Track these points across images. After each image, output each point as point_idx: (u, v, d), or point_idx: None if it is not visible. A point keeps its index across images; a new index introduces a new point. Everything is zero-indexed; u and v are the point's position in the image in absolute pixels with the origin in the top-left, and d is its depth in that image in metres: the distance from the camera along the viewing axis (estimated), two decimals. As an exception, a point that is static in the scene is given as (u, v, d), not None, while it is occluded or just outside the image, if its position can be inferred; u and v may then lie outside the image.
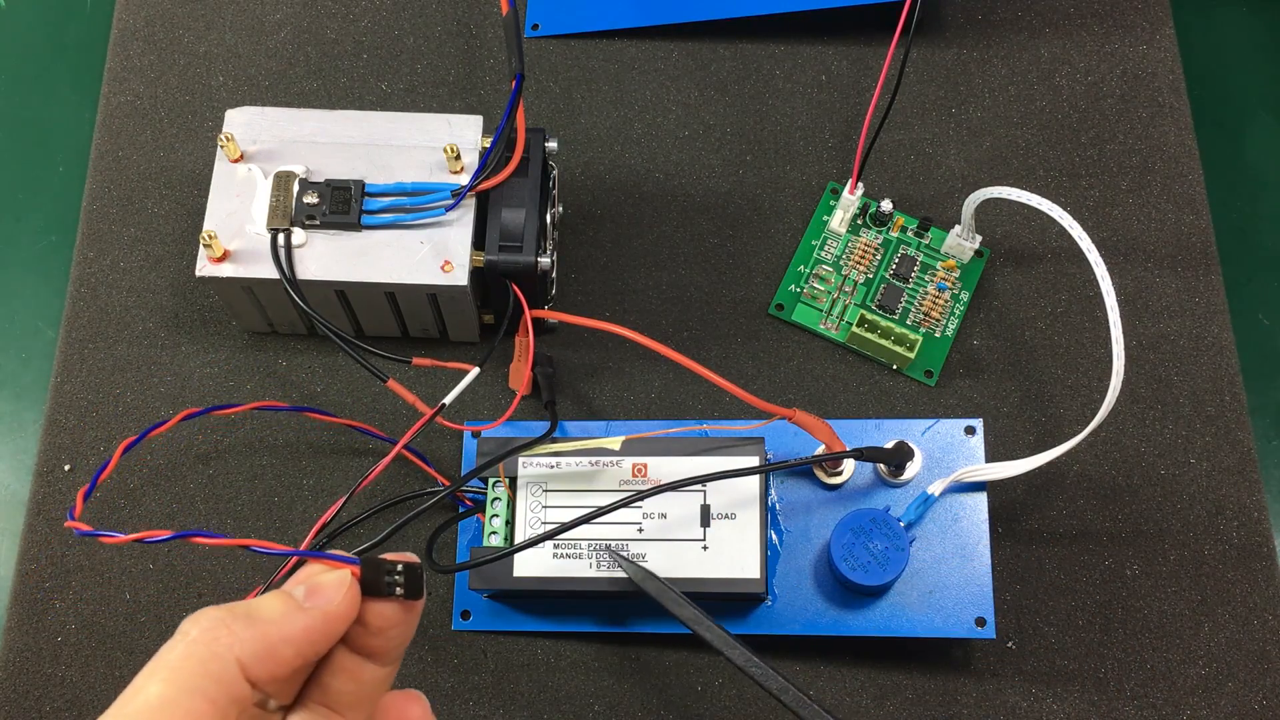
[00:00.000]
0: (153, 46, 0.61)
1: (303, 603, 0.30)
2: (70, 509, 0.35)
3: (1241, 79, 0.66)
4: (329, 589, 0.30)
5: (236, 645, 0.28)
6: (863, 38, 0.60)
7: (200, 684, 0.27)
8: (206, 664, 0.28)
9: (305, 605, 0.29)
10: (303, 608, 0.29)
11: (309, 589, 0.30)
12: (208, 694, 0.27)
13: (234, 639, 0.28)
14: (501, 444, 0.48)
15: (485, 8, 0.61)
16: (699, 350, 0.54)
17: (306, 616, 0.29)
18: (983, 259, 0.55)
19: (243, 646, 0.28)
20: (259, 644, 0.28)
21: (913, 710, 0.48)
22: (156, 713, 0.27)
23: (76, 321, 0.55)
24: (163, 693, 0.27)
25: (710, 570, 0.46)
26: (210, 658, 0.28)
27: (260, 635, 0.29)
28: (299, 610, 0.29)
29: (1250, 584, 0.50)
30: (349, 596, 0.30)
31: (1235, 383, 0.53)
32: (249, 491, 0.52)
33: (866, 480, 0.48)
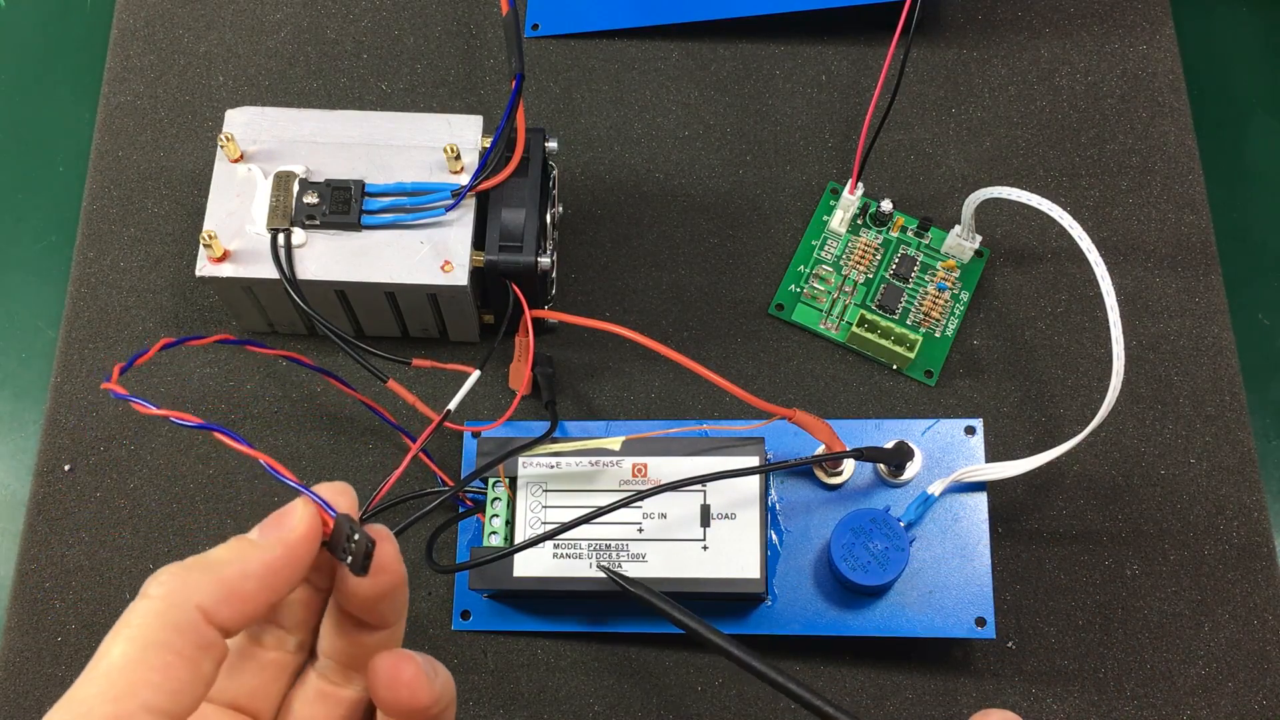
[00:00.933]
0: (153, 46, 0.61)
1: (257, 539, 0.29)
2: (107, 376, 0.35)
3: (1241, 79, 0.66)
4: (285, 519, 0.30)
5: (194, 593, 0.28)
6: (863, 38, 0.60)
7: (162, 636, 0.27)
8: (165, 616, 0.28)
9: (259, 540, 0.29)
10: (257, 544, 0.29)
11: (265, 526, 0.30)
12: (172, 646, 0.27)
13: (190, 588, 0.28)
14: (501, 444, 0.48)
15: (485, 8, 0.61)
16: (699, 350, 0.54)
17: (263, 550, 0.29)
18: (983, 259, 0.55)
19: (200, 592, 0.28)
20: (217, 586, 0.28)
21: (913, 710, 0.48)
22: (122, 673, 0.27)
23: (76, 321, 0.55)
24: (126, 652, 0.27)
25: (710, 570, 0.46)
26: (168, 609, 0.28)
27: (217, 578, 0.28)
28: (253, 546, 0.29)
29: (1250, 584, 0.50)
30: (306, 526, 0.30)
31: (1235, 383, 0.53)
32: (249, 491, 0.52)
33: (866, 480, 0.48)
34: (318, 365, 0.49)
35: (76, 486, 0.52)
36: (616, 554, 0.46)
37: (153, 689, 0.27)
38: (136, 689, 0.27)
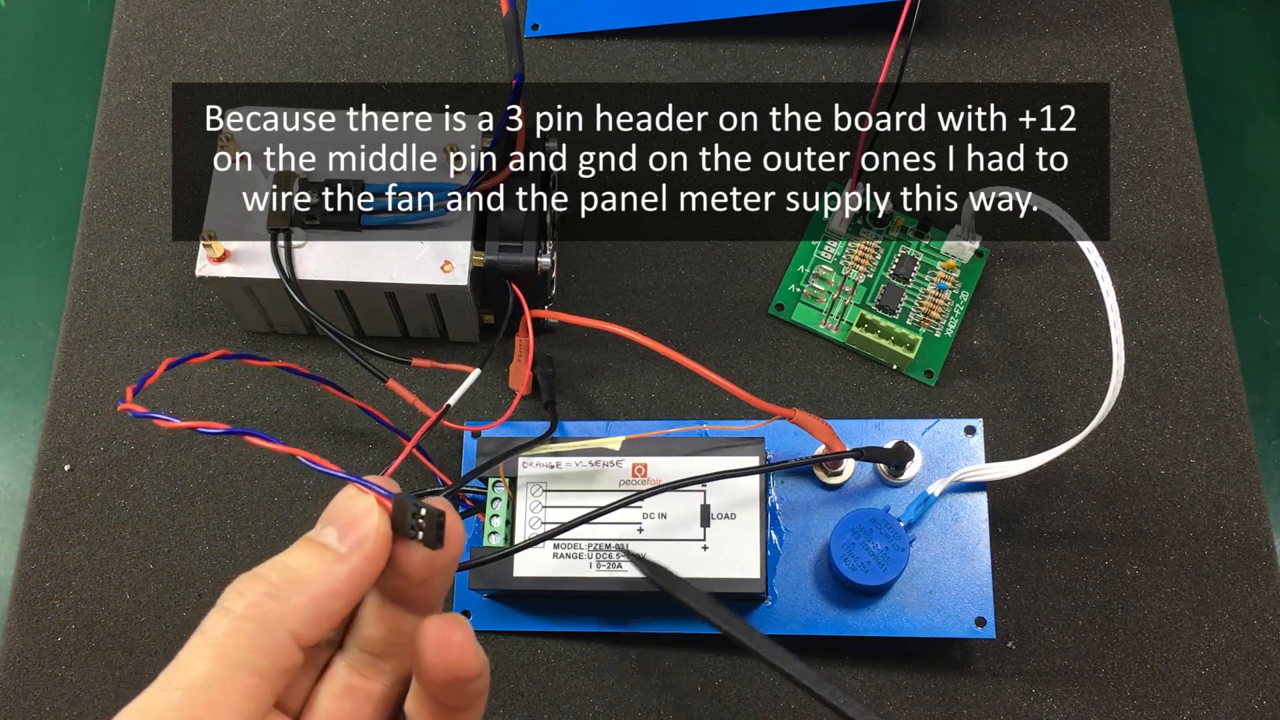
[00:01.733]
0: (153, 46, 0.61)
1: (339, 548, 0.28)
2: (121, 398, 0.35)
3: (1241, 79, 0.66)
4: (363, 527, 0.28)
5: (287, 617, 0.27)
6: (863, 38, 0.60)
7: (250, 659, 0.27)
8: (256, 639, 0.27)
9: (343, 551, 0.28)
10: (342, 555, 0.28)
11: (342, 530, 0.28)
12: (258, 668, 0.27)
13: (283, 610, 0.27)
14: (501, 444, 0.48)
15: (485, 8, 0.61)
16: (699, 350, 0.54)
17: (348, 564, 0.28)
18: (983, 259, 0.55)
19: (293, 617, 0.27)
20: (309, 610, 0.27)
21: (913, 710, 0.48)
22: (204, 691, 0.26)
23: (76, 321, 0.55)
24: (212, 671, 0.26)
25: (710, 570, 0.46)
26: (259, 632, 0.27)
27: (310, 601, 0.28)
28: (339, 560, 0.28)
29: (1250, 584, 0.50)
30: (382, 531, 0.28)
31: (1235, 383, 0.53)
32: (249, 491, 0.52)
33: (866, 480, 0.48)
34: (312, 373, 0.49)
35: (76, 486, 0.52)
36: (616, 554, 0.46)
37: (233, 711, 0.26)
38: (219, 709, 0.26)
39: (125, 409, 0.32)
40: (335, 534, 0.28)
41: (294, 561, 0.28)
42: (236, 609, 0.27)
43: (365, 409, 0.51)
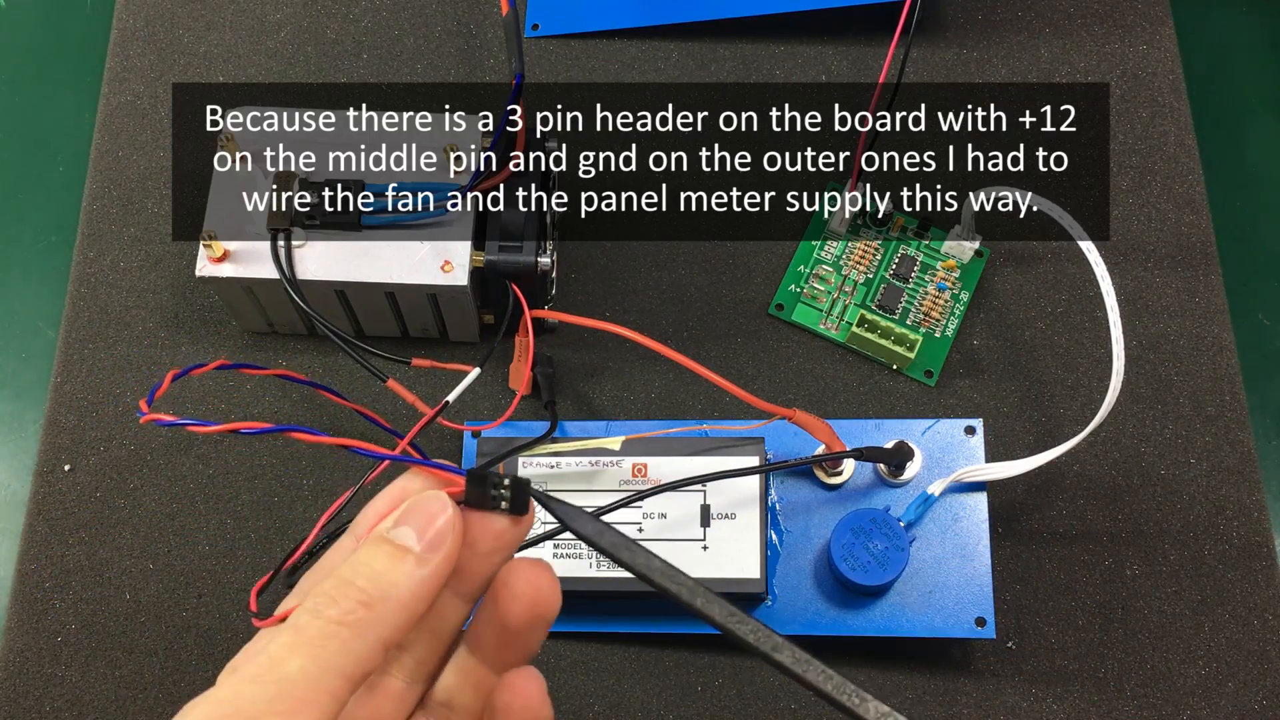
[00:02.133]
0: (153, 46, 0.61)
1: (419, 551, 0.29)
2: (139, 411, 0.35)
3: (1241, 79, 0.66)
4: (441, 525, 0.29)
5: (379, 626, 0.28)
6: (863, 38, 0.60)
7: (341, 663, 0.27)
8: (349, 644, 0.28)
9: (424, 554, 0.29)
10: (423, 558, 0.29)
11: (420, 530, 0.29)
12: (345, 672, 0.27)
13: (375, 618, 0.28)
14: (501, 444, 0.48)
15: (485, 8, 0.61)
16: (699, 350, 0.54)
17: (430, 566, 0.29)
18: (983, 259, 0.55)
19: (385, 624, 0.28)
20: (400, 616, 0.28)
21: (913, 710, 0.48)
22: (297, 687, 0.27)
23: (76, 321, 0.55)
24: (305, 668, 0.27)
25: (710, 570, 0.46)
26: (353, 638, 0.28)
27: (399, 608, 0.28)
28: (421, 563, 0.29)
29: (1250, 584, 0.50)
30: (460, 526, 0.29)
31: (1235, 383, 0.53)
32: (249, 491, 0.52)
33: (866, 480, 0.48)
34: (309, 380, 0.49)
35: (76, 486, 0.52)
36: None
37: (320, 710, 0.27)
38: (307, 707, 0.27)
39: (150, 419, 0.32)
40: (413, 535, 0.29)
41: (380, 568, 0.29)
42: (331, 614, 0.28)
43: (361, 412, 0.51)
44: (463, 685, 0.32)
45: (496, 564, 0.31)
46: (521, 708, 0.30)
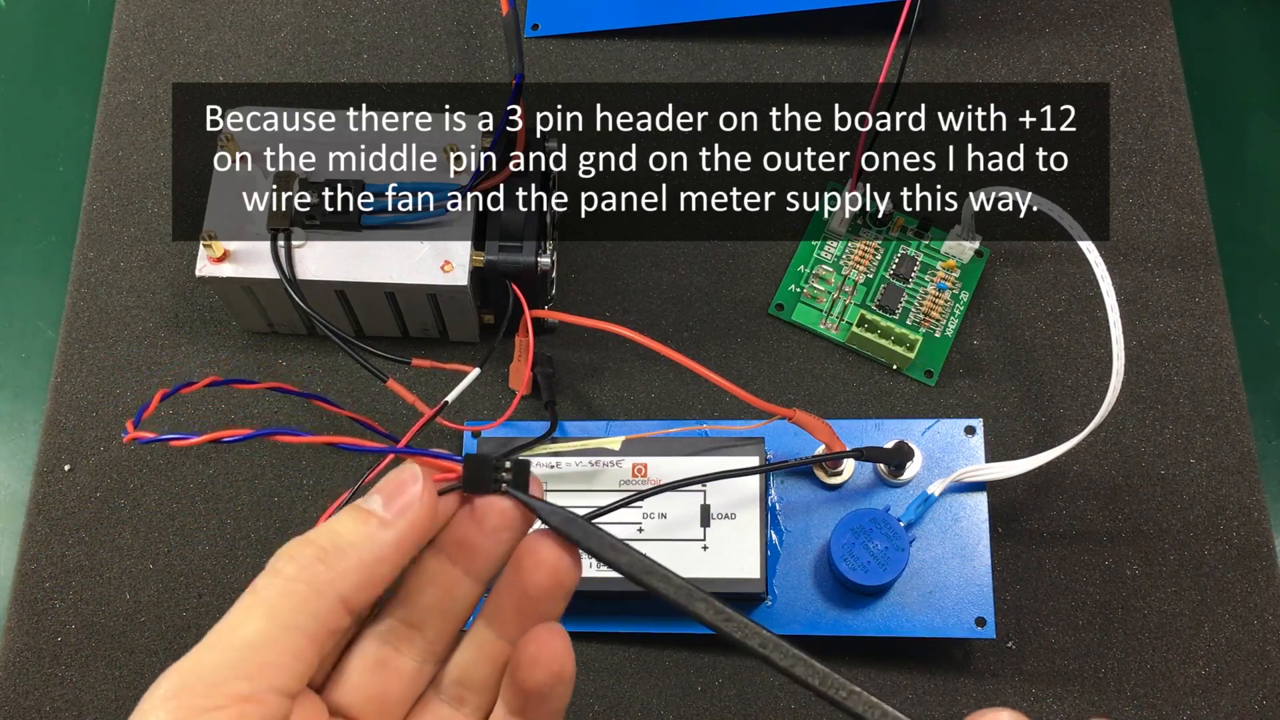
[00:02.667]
0: (153, 46, 0.61)
1: (385, 515, 0.29)
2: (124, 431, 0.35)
3: (1241, 79, 0.66)
4: (408, 494, 0.29)
5: (337, 581, 0.28)
6: (863, 38, 0.60)
7: (301, 620, 0.27)
8: (308, 601, 0.28)
9: (389, 518, 0.29)
10: (388, 521, 0.29)
11: (387, 498, 0.29)
12: (307, 630, 0.27)
13: (333, 574, 0.28)
14: (501, 444, 0.48)
15: (485, 8, 0.61)
16: (699, 350, 0.54)
17: (395, 530, 0.29)
18: (983, 259, 0.55)
19: (344, 581, 0.28)
20: (359, 574, 0.28)
21: (913, 710, 0.48)
22: (257, 650, 0.27)
23: (76, 321, 0.55)
24: (263, 630, 0.27)
25: (710, 570, 0.46)
26: (311, 595, 0.28)
27: (358, 564, 0.28)
28: (385, 526, 0.29)
29: (1250, 584, 0.50)
30: (428, 496, 0.29)
31: (1235, 383, 0.53)
32: (249, 491, 0.52)
33: (866, 480, 0.48)
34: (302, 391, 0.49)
35: (76, 486, 0.52)
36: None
37: (285, 671, 0.27)
38: (269, 669, 0.27)
39: (133, 439, 0.32)
40: (381, 501, 0.29)
41: (342, 528, 0.29)
42: (288, 571, 0.28)
43: (356, 419, 0.51)
44: (478, 659, 0.32)
45: (507, 542, 0.31)
46: (549, 658, 0.30)
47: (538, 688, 0.30)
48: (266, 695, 0.27)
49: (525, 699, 0.31)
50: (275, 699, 0.27)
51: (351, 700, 0.30)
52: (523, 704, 0.31)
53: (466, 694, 0.32)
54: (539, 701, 0.31)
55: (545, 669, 0.30)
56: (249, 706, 0.26)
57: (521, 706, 0.31)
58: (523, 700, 0.31)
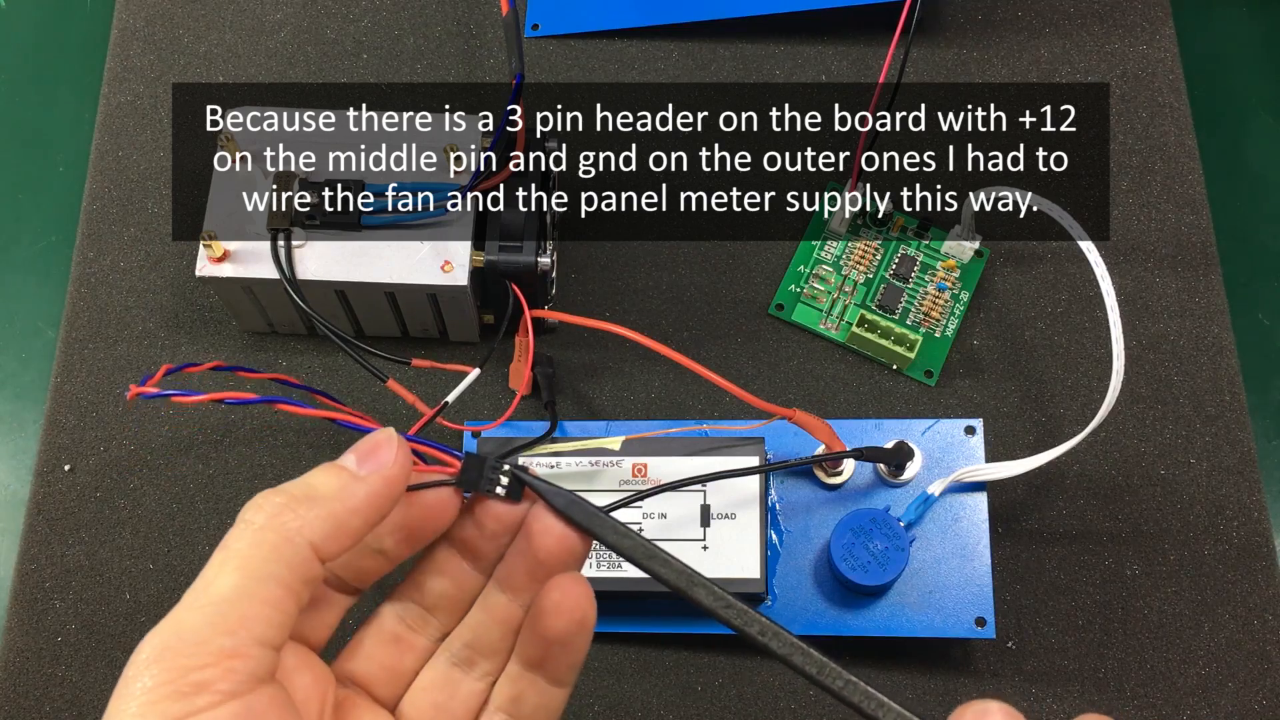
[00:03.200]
0: (153, 46, 0.61)
1: (357, 470, 0.29)
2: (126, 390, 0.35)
3: (1241, 79, 0.66)
4: (381, 451, 0.30)
5: (306, 528, 0.28)
6: (863, 38, 0.60)
7: (273, 570, 0.27)
8: (279, 549, 0.28)
9: (361, 473, 0.29)
10: (359, 476, 0.29)
11: (361, 456, 0.30)
12: (281, 579, 0.27)
13: (302, 522, 0.28)
14: (501, 444, 0.48)
15: (485, 8, 0.61)
16: (699, 350, 0.54)
17: (367, 484, 0.29)
18: (983, 259, 0.55)
19: (312, 528, 0.28)
20: (327, 523, 0.28)
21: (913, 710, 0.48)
22: (233, 604, 0.27)
23: (76, 321, 0.55)
24: (236, 582, 0.27)
25: (710, 570, 0.46)
26: (281, 543, 0.28)
27: (327, 514, 0.29)
28: (357, 480, 0.29)
29: (1250, 584, 0.50)
30: (401, 455, 0.30)
31: (1235, 383, 0.53)
32: (249, 491, 0.51)
33: (866, 480, 0.48)
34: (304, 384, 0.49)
35: (76, 486, 0.52)
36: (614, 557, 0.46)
37: (264, 622, 0.27)
38: (249, 622, 0.27)
39: (136, 393, 0.32)
40: (355, 459, 0.30)
41: (314, 479, 0.29)
42: (257, 521, 0.28)
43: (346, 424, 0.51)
44: (488, 622, 0.33)
45: (505, 543, 0.32)
46: (572, 605, 0.31)
47: (560, 634, 0.31)
48: (250, 648, 0.27)
49: (546, 649, 0.31)
50: (259, 650, 0.27)
51: (366, 668, 0.31)
52: (542, 655, 0.32)
53: (476, 657, 0.33)
54: (559, 652, 0.31)
55: (569, 615, 0.31)
56: (234, 661, 0.26)
57: (541, 658, 0.32)
58: (542, 651, 0.32)
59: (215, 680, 0.26)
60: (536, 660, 0.32)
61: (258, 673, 0.27)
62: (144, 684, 0.26)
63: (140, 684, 0.26)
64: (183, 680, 0.26)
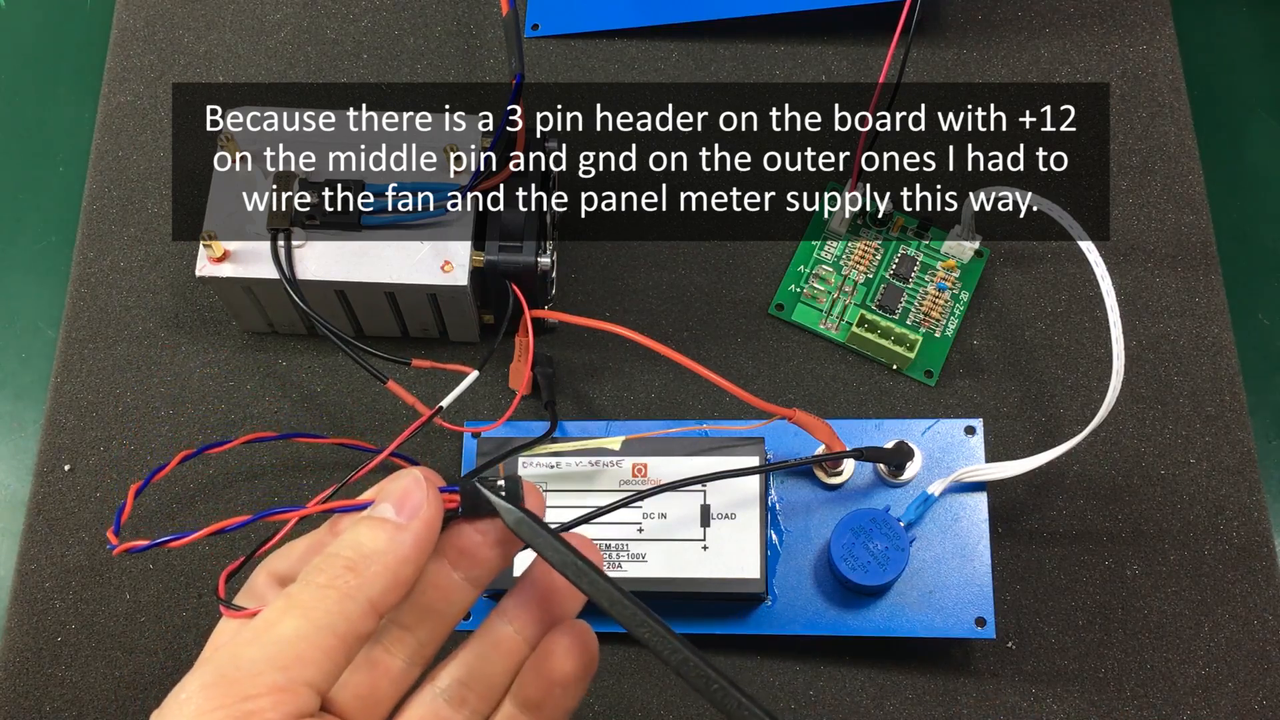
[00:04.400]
0: (153, 46, 0.61)
1: (399, 520, 0.30)
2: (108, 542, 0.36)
3: (1241, 79, 0.66)
4: (416, 497, 0.30)
5: (365, 585, 0.29)
6: (863, 38, 0.60)
7: (333, 621, 0.29)
8: (340, 604, 0.29)
9: (403, 522, 0.30)
10: (402, 525, 0.30)
11: (398, 504, 0.30)
12: (338, 631, 0.29)
13: (362, 580, 0.29)
14: (501, 444, 0.48)
15: (485, 8, 0.61)
16: (699, 350, 0.54)
17: (411, 532, 0.30)
18: (983, 259, 0.55)
19: (371, 585, 0.29)
20: (384, 578, 0.30)
21: (913, 710, 0.48)
22: (291, 644, 0.28)
23: (76, 321, 0.55)
24: (299, 628, 0.29)
25: (710, 570, 0.46)
26: (343, 599, 0.29)
27: (382, 569, 0.30)
28: (402, 530, 0.30)
29: (1250, 584, 0.50)
30: (433, 494, 0.31)
31: (1235, 383, 0.53)
32: (249, 491, 0.52)
33: (866, 480, 0.48)
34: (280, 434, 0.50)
35: (76, 486, 0.52)
36: (616, 554, 0.46)
37: (316, 667, 0.28)
38: (303, 664, 0.28)
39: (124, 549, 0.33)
40: (392, 509, 0.30)
41: (362, 538, 0.30)
42: (320, 580, 0.29)
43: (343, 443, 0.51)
44: (490, 656, 0.33)
45: (510, 555, 0.33)
46: (582, 649, 0.32)
47: (565, 677, 0.32)
48: (300, 687, 0.28)
49: (546, 691, 0.32)
50: (307, 692, 0.28)
51: (340, 696, 0.31)
52: (542, 697, 0.32)
53: (468, 694, 0.33)
54: (560, 694, 0.32)
55: (578, 659, 0.32)
56: (283, 696, 0.28)
57: (540, 700, 0.32)
58: (543, 692, 0.32)
59: (265, 710, 0.27)
60: (535, 702, 0.32)
61: (303, 711, 0.28)
62: (198, 704, 0.27)
63: (195, 705, 0.27)
64: (235, 707, 0.27)
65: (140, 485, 0.41)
